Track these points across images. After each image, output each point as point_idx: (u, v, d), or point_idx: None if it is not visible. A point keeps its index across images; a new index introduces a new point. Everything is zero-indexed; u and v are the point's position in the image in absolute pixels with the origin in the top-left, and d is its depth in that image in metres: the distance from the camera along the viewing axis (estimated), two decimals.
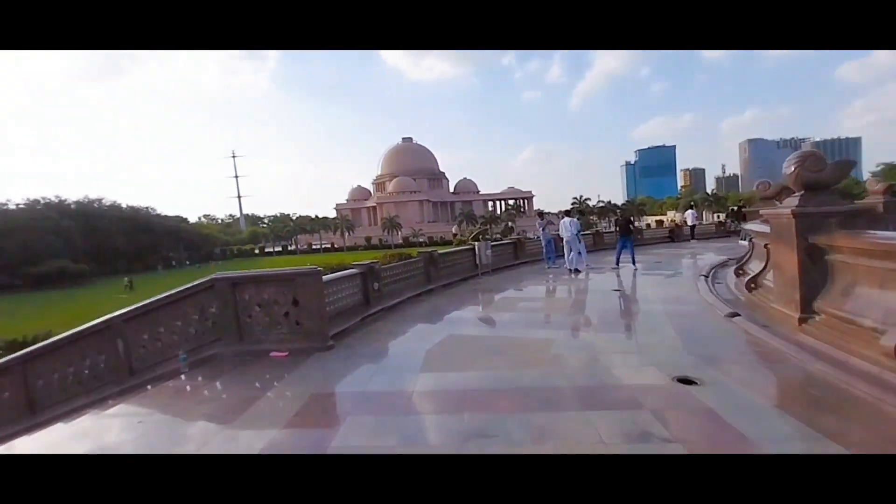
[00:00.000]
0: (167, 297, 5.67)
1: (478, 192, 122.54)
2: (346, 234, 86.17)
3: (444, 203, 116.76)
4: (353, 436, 3.21)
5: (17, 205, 57.65)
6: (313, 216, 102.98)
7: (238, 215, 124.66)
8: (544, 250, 13.49)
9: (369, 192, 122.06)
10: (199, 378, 5.01)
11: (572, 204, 76.70)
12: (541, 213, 14.19)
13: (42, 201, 60.40)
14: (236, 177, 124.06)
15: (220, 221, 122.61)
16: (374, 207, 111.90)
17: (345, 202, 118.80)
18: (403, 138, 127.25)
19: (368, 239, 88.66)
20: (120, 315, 5.62)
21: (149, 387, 5.29)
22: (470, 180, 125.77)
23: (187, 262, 73.89)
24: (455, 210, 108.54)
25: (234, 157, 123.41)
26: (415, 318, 7.56)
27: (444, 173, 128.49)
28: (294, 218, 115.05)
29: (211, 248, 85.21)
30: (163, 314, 5.76)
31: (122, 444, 3.55)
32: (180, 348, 5.65)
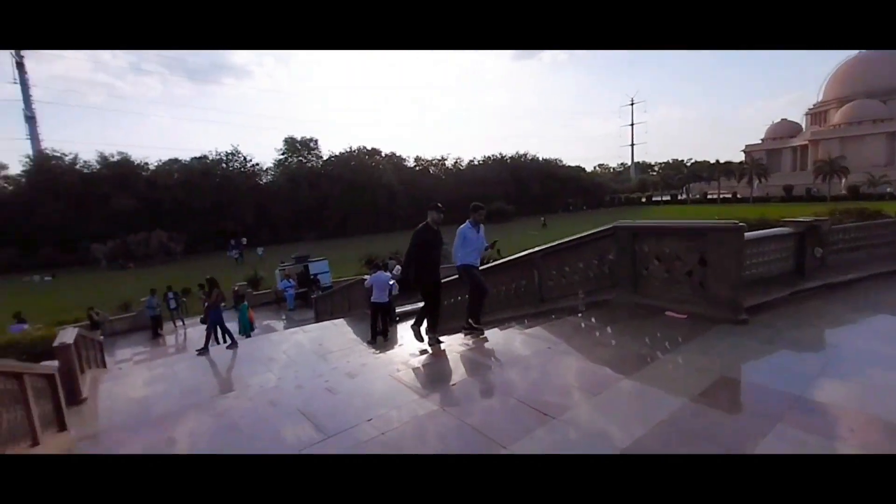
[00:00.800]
0: (573, 240, 6.22)
1: None
2: (757, 181, 70.15)
3: None
4: (790, 451, 2.39)
5: (479, 162, 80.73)
6: (712, 161, 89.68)
7: (629, 163, 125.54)
8: None
9: (799, 127, 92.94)
10: (593, 320, 5.27)
11: None
12: None
13: (492, 158, 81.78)
14: (631, 125, 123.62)
15: (611, 170, 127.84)
16: (804, 146, 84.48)
17: (758, 143, 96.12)
18: None
19: (789, 188, 68.83)
20: (537, 251, 6.68)
21: (553, 316, 6.08)
22: None
23: (583, 207, 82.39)
24: None
25: (631, 104, 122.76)
26: (885, 304, 5.09)
27: None
28: (688, 164, 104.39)
29: (602, 195, 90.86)
30: (568, 255, 6.40)
31: (531, 359, 4.19)
32: (579, 288, 6.14)
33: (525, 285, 7.19)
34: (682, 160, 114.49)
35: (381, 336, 9.36)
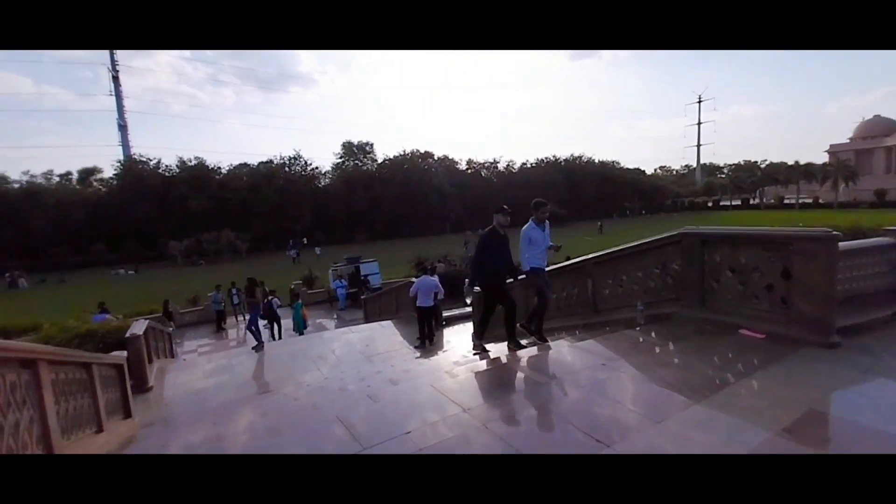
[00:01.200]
0: (632, 247, 5.77)
1: None
2: (843, 184, 63.27)
3: None
4: None
5: (531, 164, 79.29)
6: (790, 163, 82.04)
7: (694, 165, 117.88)
8: None
9: (895, 124, 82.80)
10: (653, 335, 4.83)
11: None
12: None
13: (545, 161, 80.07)
14: (698, 124, 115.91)
15: (674, 173, 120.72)
16: None
17: (845, 142, 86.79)
18: None
19: (881, 193, 61.44)
20: (590, 258, 6.28)
21: (607, 328, 5.68)
22: None
23: (642, 212, 78.62)
24: None
25: (699, 101, 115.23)
26: None
27: None
28: (762, 166, 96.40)
29: (662, 199, 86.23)
30: (626, 263, 5.96)
31: (583, 376, 3.87)
32: (638, 299, 5.69)
33: (577, 294, 6.81)
34: (755, 161, 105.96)
35: (427, 340, 9.29)
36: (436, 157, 72.73)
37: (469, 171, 75.43)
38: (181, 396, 7.39)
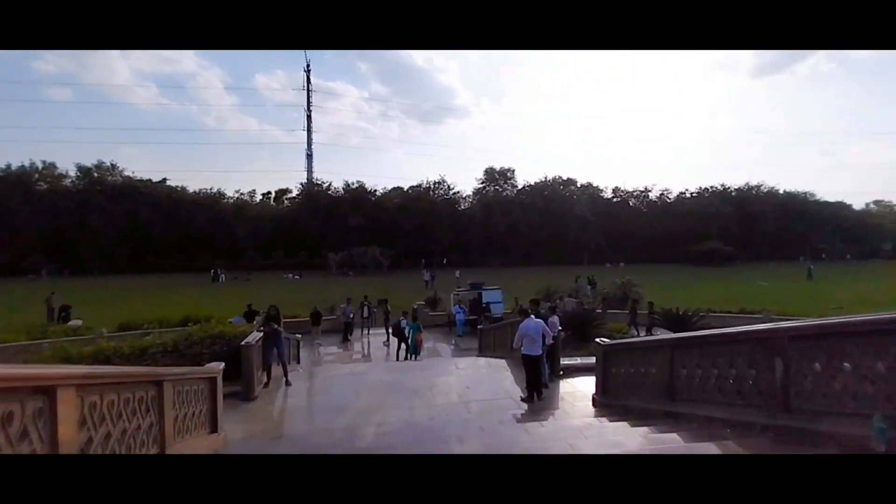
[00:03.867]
0: (866, 321, 3.59)
1: None
2: None
3: None
4: None
5: (692, 194, 69.75)
6: None
7: None
8: None
9: None
10: None
11: None
12: None
13: (710, 189, 69.65)
14: None
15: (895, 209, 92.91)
16: None
17: None
18: None
19: None
20: (784, 329, 4.17)
21: (809, 443, 3.62)
22: None
23: (848, 256, 62.25)
24: None
25: None
26: None
27: None
28: None
29: (878, 241, 67.17)
30: (853, 345, 3.76)
31: None
32: (875, 407, 3.49)
33: (755, 377, 4.67)
34: None
35: (536, 394, 7.83)
36: (579, 185, 69.37)
37: (615, 199, 69.94)
38: (275, 415, 7.37)
